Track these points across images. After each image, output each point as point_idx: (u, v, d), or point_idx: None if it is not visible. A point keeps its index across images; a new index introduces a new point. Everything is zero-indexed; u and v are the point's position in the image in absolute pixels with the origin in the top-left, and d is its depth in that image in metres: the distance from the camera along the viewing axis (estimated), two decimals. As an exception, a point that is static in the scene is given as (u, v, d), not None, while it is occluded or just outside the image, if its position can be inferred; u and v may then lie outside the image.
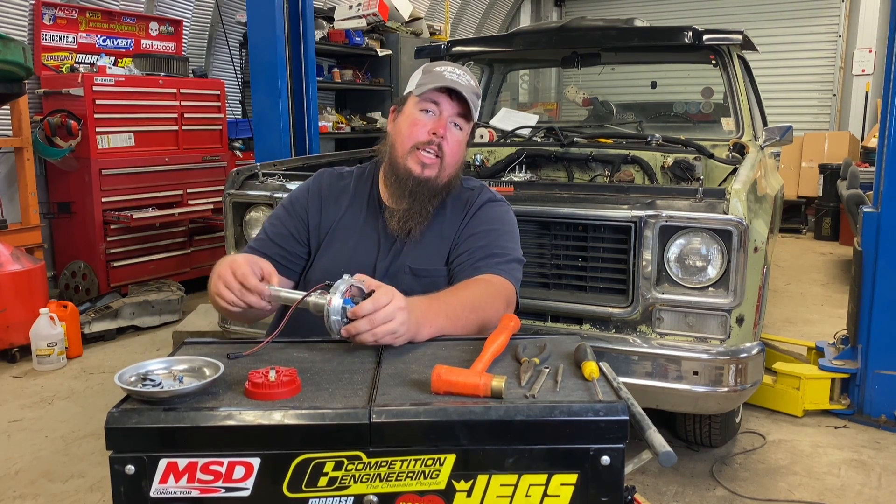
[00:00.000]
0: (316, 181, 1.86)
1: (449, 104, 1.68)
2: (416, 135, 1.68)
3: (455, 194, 1.80)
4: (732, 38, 3.66)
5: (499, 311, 1.57)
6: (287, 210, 1.82)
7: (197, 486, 1.08)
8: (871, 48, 8.75)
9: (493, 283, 1.62)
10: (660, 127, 4.11)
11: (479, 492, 1.09)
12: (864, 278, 3.31)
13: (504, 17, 10.96)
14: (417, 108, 1.70)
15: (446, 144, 1.68)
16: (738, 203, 2.38)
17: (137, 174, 5.15)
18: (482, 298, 1.56)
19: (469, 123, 1.73)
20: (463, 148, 1.74)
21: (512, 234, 1.78)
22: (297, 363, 1.28)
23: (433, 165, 1.68)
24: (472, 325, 1.50)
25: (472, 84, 1.71)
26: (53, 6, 5.04)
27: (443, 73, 1.68)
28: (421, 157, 1.67)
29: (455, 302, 1.50)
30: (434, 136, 1.67)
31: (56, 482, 2.82)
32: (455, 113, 1.69)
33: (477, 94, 1.74)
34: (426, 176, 1.68)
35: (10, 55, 3.84)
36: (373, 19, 7.01)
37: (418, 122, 1.68)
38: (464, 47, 4.44)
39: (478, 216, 1.76)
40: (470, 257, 1.68)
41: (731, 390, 2.44)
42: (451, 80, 1.66)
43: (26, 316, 4.00)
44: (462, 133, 1.72)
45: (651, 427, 1.16)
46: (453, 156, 1.70)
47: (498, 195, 1.84)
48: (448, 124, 1.68)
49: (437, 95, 1.68)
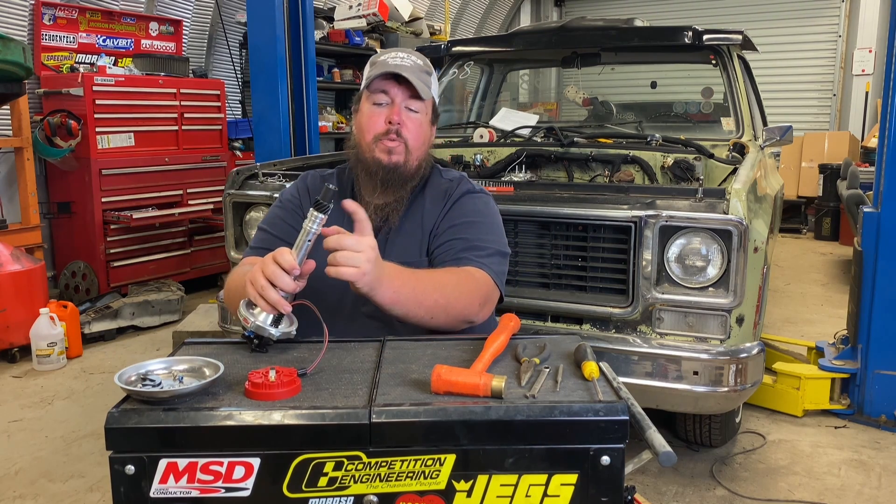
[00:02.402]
0: (303, 182, 1.87)
1: (398, 90, 1.68)
2: (374, 128, 1.68)
3: (434, 185, 1.80)
4: (732, 38, 3.66)
5: (471, 303, 1.57)
6: (283, 208, 1.83)
7: (197, 487, 1.08)
8: (871, 48, 8.75)
9: (472, 275, 1.62)
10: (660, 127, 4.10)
11: (479, 492, 1.09)
12: (864, 278, 3.31)
13: (504, 17, 10.96)
14: (370, 102, 1.70)
15: (405, 129, 1.68)
16: (738, 203, 2.37)
17: (137, 174, 5.15)
18: (454, 286, 1.56)
19: (425, 102, 1.72)
20: (425, 128, 1.73)
21: (493, 225, 1.77)
22: (297, 363, 1.28)
23: (399, 150, 1.68)
24: (437, 307, 1.51)
25: (419, 63, 1.71)
26: (53, 6, 5.04)
27: (386, 61, 1.69)
28: (385, 145, 1.67)
29: (426, 278, 1.53)
30: (391, 125, 1.67)
31: (56, 482, 2.82)
32: (406, 97, 1.68)
33: (426, 71, 1.72)
34: (394, 162, 1.68)
35: (10, 55, 3.84)
36: (373, 19, 7.01)
37: (373, 115, 1.69)
38: (464, 47, 4.44)
39: (457, 207, 1.76)
40: (450, 248, 1.68)
41: (731, 390, 2.44)
42: (394, 66, 1.66)
43: (26, 316, 4.00)
44: (420, 115, 1.71)
45: (651, 427, 1.16)
46: (416, 138, 1.70)
47: (478, 186, 1.83)
48: (401, 110, 1.68)
49: (385, 84, 1.68)
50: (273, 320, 1.36)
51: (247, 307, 1.38)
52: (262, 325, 1.35)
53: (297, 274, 1.37)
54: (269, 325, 1.35)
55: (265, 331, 1.35)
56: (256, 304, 1.36)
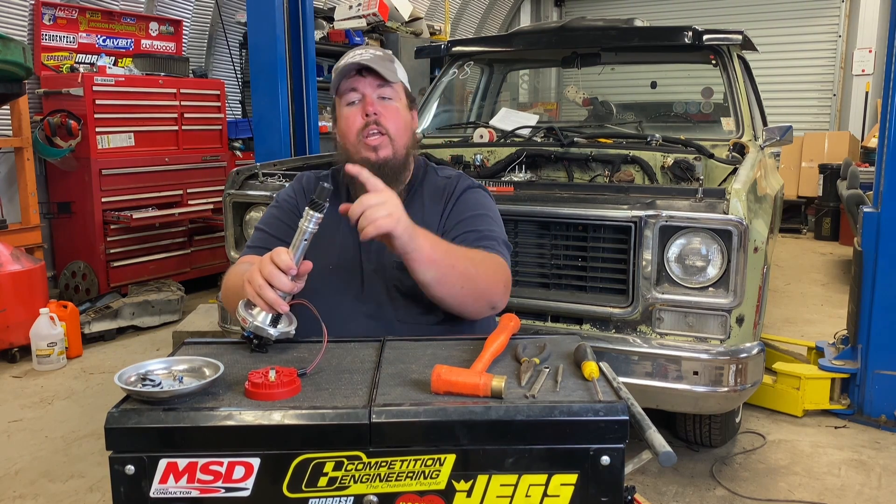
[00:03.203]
0: (298, 182, 1.88)
1: (365, 83, 1.68)
2: (353, 125, 1.68)
3: (431, 183, 1.80)
4: (732, 38, 3.66)
5: (497, 281, 1.59)
6: (279, 208, 1.83)
7: (197, 487, 1.08)
8: (871, 48, 8.75)
9: (493, 258, 1.64)
10: (660, 127, 4.10)
11: (479, 492, 1.09)
12: (864, 278, 3.31)
13: (504, 17, 10.96)
14: (343, 104, 1.71)
15: (383, 118, 1.68)
16: (738, 203, 2.37)
17: (137, 174, 5.15)
18: (482, 259, 1.59)
19: (394, 87, 1.72)
20: (403, 113, 1.73)
21: (497, 219, 1.79)
22: (296, 363, 1.28)
23: (384, 144, 1.68)
24: (468, 277, 1.52)
25: (378, 54, 1.71)
26: (53, 6, 5.03)
27: (346, 62, 1.69)
28: (368, 142, 1.67)
29: (456, 246, 1.55)
30: (368, 118, 1.67)
31: (56, 482, 2.82)
32: (375, 86, 1.69)
33: (388, 59, 1.73)
34: (383, 157, 1.68)
35: (10, 55, 3.84)
36: (373, 19, 7.01)
37: (349, 115, 1.69)
38: (464, 47, 4.44)
39: (462, 202, 1.76)
40: (464, 241, 1.68)
41: (731, 390, 2.44)
42: (354, 62, 1.67)
43: (26, 316, 4.00)
44: (394, 101, 1.71)
45: (651, 427, 1.16)
46: (396, 125, 1.70)
47: (476, 181, 1.85)
48: (374, 100, 1.68)
49: (352, 82, 1.69)
50: (271, 320, 1.36)
51: (245, 307, 1.38)
52: (261, 325, 1.35)
53: (293, 274, 1.37)
54: (268, 325, 1.36)
55: (264, 331, 1.35)
56: (255, 305, 1.36)
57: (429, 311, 1.67)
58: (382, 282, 1.68)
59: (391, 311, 1.67)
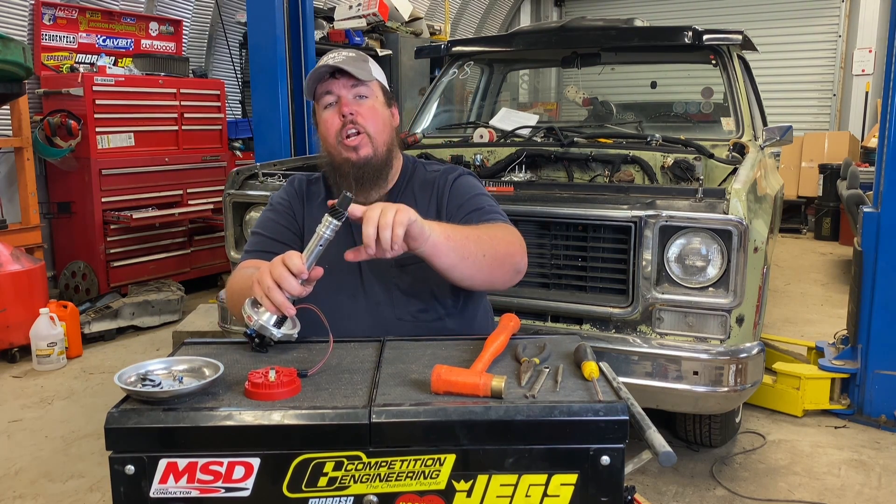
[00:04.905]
0: (291, 185, 1.88)
1: (339, 84, 1.69)
2: (331, 128, 1.69)
3: (420, 178, 1.80)
4: (732, 38, 3.66)
5: (513, 241, 1.61)
6: (274, 210, 1.83)
7: (197, 487, 1.08)
8: (871, 48, 8.75)
9: (503, 224, 1.66)
10: (660, 127, 4.10)
11: (479, 492, 1.09)
12: (864, 278, 3.31)
13: (504, 17, 10.96)
14: (321, 108, 1.72)
15: (360, 118, 1.67)
16: (738, 203, 2.37)
17: (137, 174, 5.15)
18: (495, 230, 1.60)
19: (369, 86, 1.72)
20: (380, 111, 1.73)
21: (493, 198, 1.80)
22: (296, 363, 1.28)
23: (363, 143, 1.68)
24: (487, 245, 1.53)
25: (351, 55, 1.71)
26: (53, 6, 5.03)
27: (318, 67, 1.70)
28: (348, 143, 1.67)
29: (468, 226, 1.56)
30: (345, 118, 1.67)
31: (56, 482, 2.82)
32: (350, 87, 1.69)
33: (361, 59, 1.73)
34: (363, 156, 1.68)
35: (10, 55, 3.84)
36: (373, 19, 7.01)
37: (327, 118, 1.70)
38: (464, 47, 4.44)
39: (457, 189, 1.77)
40: (469, 220, 1.68)
41: (731, 390, 2.44)
42: (326, 66, 1.67)
43: (26, 316, 4.00)
44: (370, 99, 1.71)
45: (651, 427, 1.16)
46: (374, 123, 1.69)
47: (464, 169, 1.86)
48: (350, 101, 1.68)
49: (326, 85, 1.69)
50: (276, 321, 1.36)
51: (252, 306, 1.38)
52: (266, 326, 1.35)
53: (304, 278, 1.37)
54: (272, 325, 1.36)
55: (267, 331, 1.35)
56: (262, 304, 1.36)
57: (428, 309, 1.67)
58: (381, 280, 1.68)
59: (390, 309, 1.67)
